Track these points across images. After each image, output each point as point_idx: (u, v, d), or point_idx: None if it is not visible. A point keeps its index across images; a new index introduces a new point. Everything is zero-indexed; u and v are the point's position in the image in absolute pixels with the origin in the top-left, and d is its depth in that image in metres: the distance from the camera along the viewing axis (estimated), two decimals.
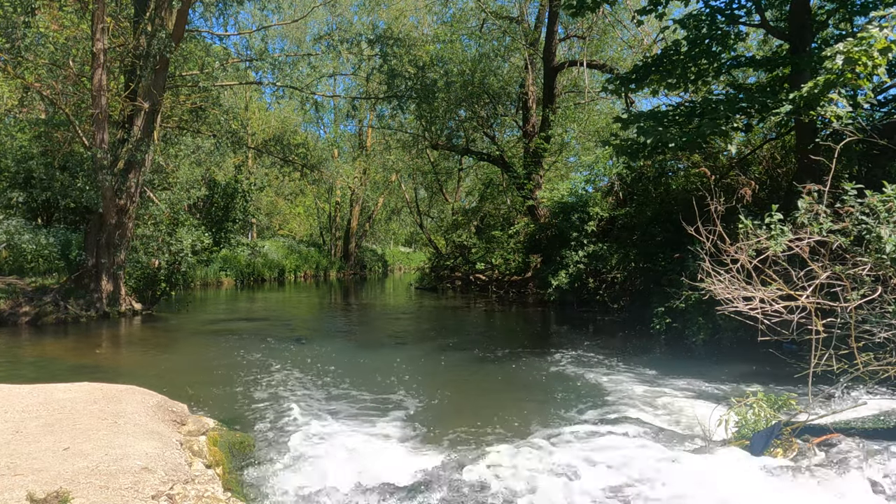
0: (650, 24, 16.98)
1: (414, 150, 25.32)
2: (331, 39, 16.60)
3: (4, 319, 11.47)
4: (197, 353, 9.38)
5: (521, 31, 20.97)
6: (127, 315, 13.00)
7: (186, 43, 15.08)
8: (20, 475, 3.19)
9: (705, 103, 9.20)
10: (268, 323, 13.45)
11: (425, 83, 16.43)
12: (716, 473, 3.96)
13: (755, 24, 9.90)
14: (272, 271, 30.86)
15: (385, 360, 8.61)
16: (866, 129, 8.02)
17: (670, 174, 13.68)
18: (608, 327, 12.01)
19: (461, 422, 5.58)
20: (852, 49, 6.78)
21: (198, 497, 3.28)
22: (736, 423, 4.71)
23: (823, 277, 4.51)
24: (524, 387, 7.04)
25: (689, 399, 6.18)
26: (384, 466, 4.27)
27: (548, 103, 20.12)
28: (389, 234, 51.13)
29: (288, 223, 44.22)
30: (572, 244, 14.57)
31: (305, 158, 18.78)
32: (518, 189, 20.58)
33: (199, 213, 16.47)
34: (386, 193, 38.57)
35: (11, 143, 14.48)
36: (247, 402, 6.19)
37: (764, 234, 5.04)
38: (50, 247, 14.52)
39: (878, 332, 4.60)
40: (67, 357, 8.74)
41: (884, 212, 4.94)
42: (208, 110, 16.68)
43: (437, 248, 30.55)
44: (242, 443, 4.61)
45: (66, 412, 4.27)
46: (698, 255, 5.11)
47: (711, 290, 4.73)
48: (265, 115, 34.25)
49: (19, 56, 11.51)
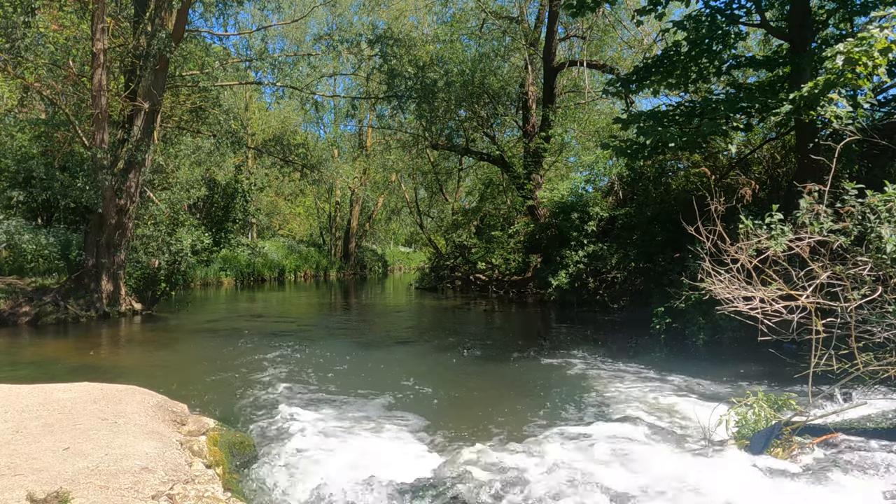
0: (650, 23, 16.97)
1: (414, 150, 25.31)
2: (331, 39, 16.60)
3: (4, 319, 11.47)
4: (197, 353, 9.37)
5: (521, 31, 20.96)
6: (127, 315, 13.00)
7: (186, 43, 15.08)
8: (20, 475, 3.19)
9: (705, 103, 9.19)
10: (268, 323, 13.44)
11: (425, 83, 16.43)
12: (716, 473, 3.95)
13: (755, 24, 9.90)
14: (272, 271, 30.86)
15: (385, 360, 8.61)
16: (866, 129, 8.02)
17: (670, 174, 13.68)
18: (608, 327, 12.00)
19: (461, 421, 5.58)
20: (853, 49, 6.77)
21: (198, 497, 3.28)
22: (736, 423, 4.71)
23: (823, 277, 4.51)
24: (524, 387, 7.04)
25: (690, 399, 6.18)
26: (384, 466, 4.27)
27: (548, 103, 20.11)
28: (389, 234, 51.09)
29: (288, 223, 44.21)
30: (572, 244, 14.57)
31: (305, 158, 18.78)
32: (518, 189, 20.58)
33: (199, 213, 16.48)
34: (386, 193, 38.56)
35: (11, 143, 14.47)
36: (247, 402, 6.19)
37: (764, 234, 5.04)
38: (50, 247, 14.52)
39: (878, 332, 4.60)
40: (67, 357, 8.74)
41: (884, 211, 4.94)
42: (208, 110, 16.68)
43: (437, 248, 30.55)
44: (242, 443, 4.61)
45: (66, 412, 4.27)
46: (698, 255, 5.11)
47: (711, 290, 4.73)
48: (265, 115, 34.27)
49: (19, 56, 11.51)
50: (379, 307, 18.66)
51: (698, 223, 5.09)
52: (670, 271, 10.48)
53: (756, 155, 11.69)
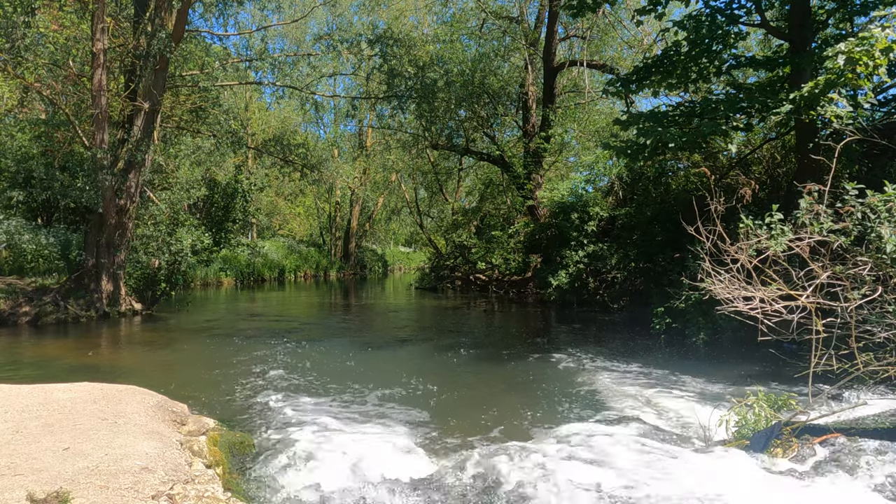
0: (650, 23, 16.98)
1: (414, 150, 25.32)
2: (331, 39, 16.60)
3: (4, 319, 11.47)
4: (197, 353, 9.38)
5: (521, 31, 20.97)
6: (127, 315, 13.00)
7: (186, 43, 15.08)
8: (20, 475, 3.19)
9: (705, 103, 9.20)
10: (268, 323, 13.44)
11: (425, 83, 16.43)
12: (716, 473, 3.95)
13: (755, 24, 9.91)
14: (272, 271, 30.86)
15: (385, 360, 8.61)
16: (866, 129, 8.02)
17: (670, 174, 13.68)
18: (608, 327, 12.00)
19: (461, 422, 5.58)
20: (854, 49, 6.78)
21: (198, 497, 3.28)
22: (736, 423, 4.71)
23: (823, 277, 4.51)
24: (524, 387, 7.04)
25: (689, 399, 6.18)
26: (385, 466, 4.27)
27: (548, 103, 20.12)
28: (389, 234, 51.10)
29: (288, 223, 44.22)
30: (572, 244, 14.57)
31: (305, 158, 18.78)
32: (518, 189, 20.59)
33: (199, 213, 16.48)
34: (386, 193, 38.56)
35: (11, 143, 14.48)
36: (247, 402, 6.19)
37: (764, 234, 5.04)
38: (50, 247, 14.52)
39: (879, 332, 4.60)
40: (67, 357, 8.74)
41: (884, 211, 4.94)
42: (208, 110, 16.68)
43: (437, 248, 30.55)
44: (242, 443, 4.61)
45: (66, 412, 4.27)
46: (698, 255, 5.11)
47: (711, 290, 4.73)
48: (265, 115, 34.27)
49: (19, 56, 11.51)
50: (379, 307, 18.66)
51: (698, 223, 5.09)
52: (670, 271, 10.48)
53: (756, 155, 11.69)
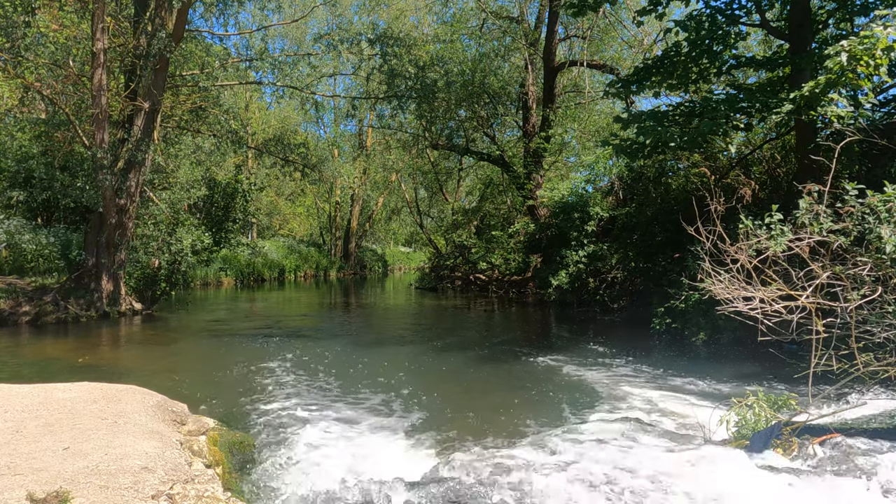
0: (650, 23, 16.97)
1: (414, 149, 25.34)
2: (331, 39, 16.60)
3: (4, 319, 11.47)
4: (197, 353, 9.37)
5: (521, 31, 20.97)
6: (127, 315, 13.00)
7: (186, 43, 15.08)
8: (20, 475, 3.19)
9: (705, 103, 9.20)
10: (268, 322, 13.44)
11: (425, 83, 16.43)
12: (716, 473, 3.95)
13: (755, 24, 9.91)
14: (272, 271, 30.86)
15: (385, 360, 8.61)
16: (866, 129, 8.02)
17: (670, 174, 13.67)
18: (608, 327, 12.00)
19: (462, 422, 5.58)
20: (856, 47, 6.77)
21: (198, 497, 3.28)
22: (736, 423, 4.71)
23: (823, 277, 4.51)
24: (524, 387, 7.04)
25: (690, 399, 6.18)
26: (385, 466, 4.27)
27: (548, 103, 20.12)
28: (389, 233, 51.15)
29: (288, 223, 44.24)
30: (572, 244, 14.57)
31: (305, 158, 18.78)
32: (518, 189, 20.59)
33: (199, 213, 16.49)
34: (386, 193, 38.58)
35: (11, 143, 14.49)
36: (247, 402, 6.18)
37: (764, 234, 5.04)
38: (50, 247, 14.52)
39: (878, 332, 4.60)
40: (67, 357, 8.74)
41: (884, 212, 4.94)
42: (208, 110, 16.69)
43: (437, 247, 30.56)
44: (242, 443, 4.61)
45: (66, 412, 4.27)
46: (698, 255, 5.11)
47: (711, 290, 4.73)
48: (265, 114, 34.25)
49: (19, 56, 11.51)
50: (378, 307, 18.66)
51: (698, 223, 5.09)
52: (670, 271, 10.48)
53: (756, 155, 11.69)
